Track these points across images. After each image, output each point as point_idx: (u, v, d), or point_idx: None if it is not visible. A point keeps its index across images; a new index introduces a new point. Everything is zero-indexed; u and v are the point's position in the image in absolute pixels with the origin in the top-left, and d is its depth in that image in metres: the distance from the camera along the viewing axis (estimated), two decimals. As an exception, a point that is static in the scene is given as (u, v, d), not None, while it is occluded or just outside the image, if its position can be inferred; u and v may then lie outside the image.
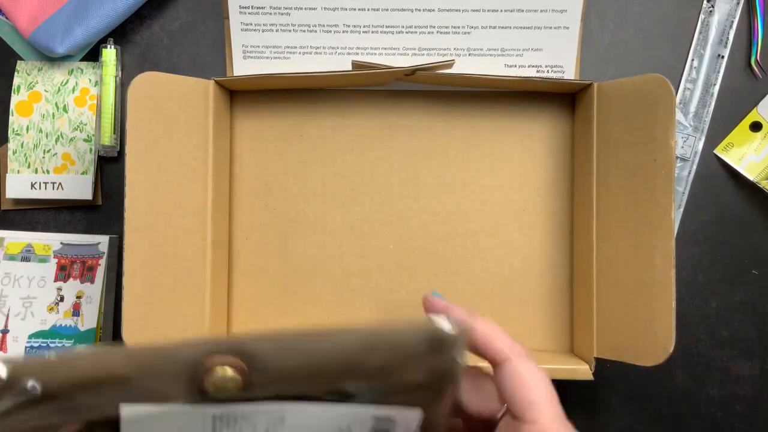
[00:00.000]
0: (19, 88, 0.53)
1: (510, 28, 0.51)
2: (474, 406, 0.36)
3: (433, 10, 0.51)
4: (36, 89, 0.53)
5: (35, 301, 0.52)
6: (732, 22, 0.53)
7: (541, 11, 0.51)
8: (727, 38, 0.53)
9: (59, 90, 0.54)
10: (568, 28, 0.51)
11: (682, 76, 0.53)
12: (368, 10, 0.51)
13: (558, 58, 0.52)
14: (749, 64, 0.53)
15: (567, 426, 0.33)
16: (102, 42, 0.53)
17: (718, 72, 0.53)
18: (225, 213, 0.52)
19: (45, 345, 0.51)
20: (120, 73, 0.54)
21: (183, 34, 0.54)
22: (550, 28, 0.51)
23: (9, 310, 0.52)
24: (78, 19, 0.52)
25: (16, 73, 0.54)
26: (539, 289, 0.52)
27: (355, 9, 0.51)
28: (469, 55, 0.52)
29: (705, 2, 0.53)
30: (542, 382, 0.33)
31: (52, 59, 0.54)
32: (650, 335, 0.44)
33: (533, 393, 0.33)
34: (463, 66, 0.52)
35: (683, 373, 0.53)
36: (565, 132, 0.52)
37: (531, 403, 0.32)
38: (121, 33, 0.54)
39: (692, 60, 0.53)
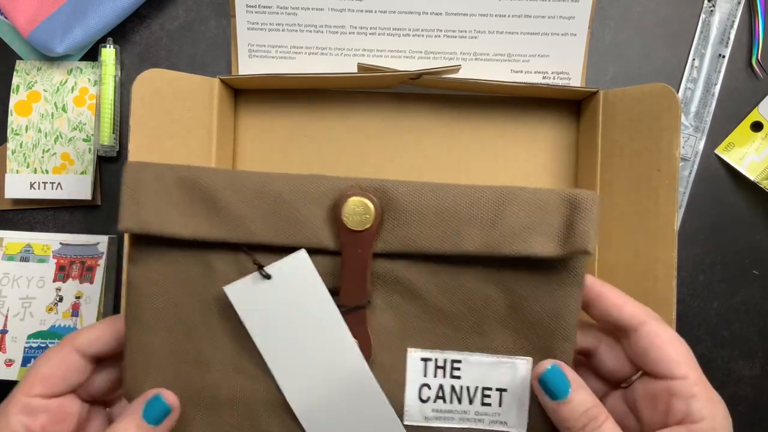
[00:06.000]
0: (18, 87, 0.53)
1: (517, 33, 0.51)
2: (610, 364, 0.35)
3: (441, 14, 0.51)
4: (35, 89, 0.53)
5: (34, 301, 0.52)
6: (733, 21, 0.53)
7: (549, 17, 0.50)
8: (728, 38, 0.53)
9: (58, 90, 0.53)
10: (575, 35, 0.51)
11: (683, 75, 0.53)
12: (375, 12, 0.50)
13: (564, 64, 0.52)
14: (750, 64, 0.53)
15: (710, 386, 0.33)
16: (101, 41, 0.53)
17: (719, 72, 0.53)
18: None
19: (44, 345, 0.51)
20: (119, 72, 0.54)
21: (182, 33, 0.54)
22: (558, 34, 0.51)
23: (8, 311, 0.51)
24: (77, 18, 0.51)
25: (15, 73, 0.53)
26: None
27: (362, 11, 0.50)
28: (476, 59, 0.52)
29: (706, 2, 0.53)
30: (683, 344, 0.33)
31: (51, 59, 0.54)
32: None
33: (679, 351, 0.32)
34: (469, 70, 0.51)
35: (684, 373, 0.53)
36: (570, 138, 0.52)
37: (678, 362, 0.32)
38: (120, 32, 0.54)
39: (693, 60, 0.53)
